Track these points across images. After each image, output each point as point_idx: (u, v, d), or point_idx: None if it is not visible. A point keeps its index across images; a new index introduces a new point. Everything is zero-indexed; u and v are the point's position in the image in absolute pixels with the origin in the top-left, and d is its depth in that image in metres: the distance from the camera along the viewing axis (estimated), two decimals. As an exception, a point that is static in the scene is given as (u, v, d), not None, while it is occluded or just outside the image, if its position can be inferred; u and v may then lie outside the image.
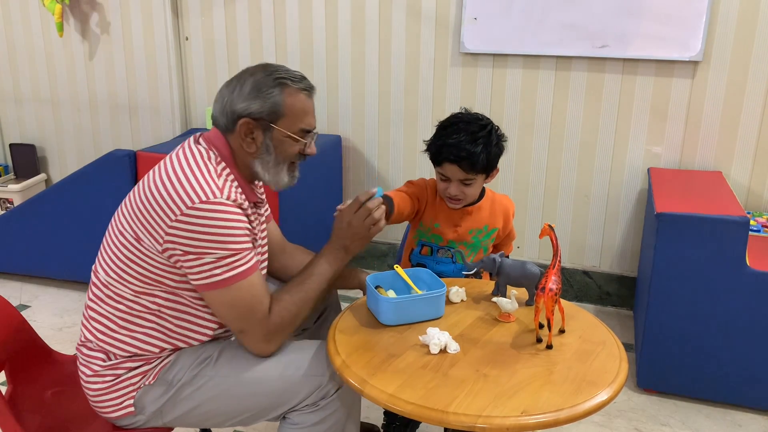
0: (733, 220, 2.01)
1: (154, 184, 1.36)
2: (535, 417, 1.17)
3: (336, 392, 1.41)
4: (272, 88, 1.40)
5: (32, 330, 1.57)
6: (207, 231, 1.31)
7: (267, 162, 1.44)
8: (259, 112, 1.40)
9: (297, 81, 1.43)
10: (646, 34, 2.57)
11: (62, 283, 3.08)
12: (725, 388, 2.18)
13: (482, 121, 1.72)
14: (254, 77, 1.41)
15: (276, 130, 1.42)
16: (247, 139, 1.42)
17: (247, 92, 1.40)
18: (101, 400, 1.42)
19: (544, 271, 1.49)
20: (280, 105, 1.40)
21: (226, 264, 1.33)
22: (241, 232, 1.35)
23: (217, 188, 1.34)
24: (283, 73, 1.42)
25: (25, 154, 3.63)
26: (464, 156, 1.66)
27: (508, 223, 1.90)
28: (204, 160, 1.39)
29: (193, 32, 3.25)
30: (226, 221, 1.32)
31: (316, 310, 1.76)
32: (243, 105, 1.40)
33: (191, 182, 1.33)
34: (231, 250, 1.33)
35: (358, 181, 3.18)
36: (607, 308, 2.94)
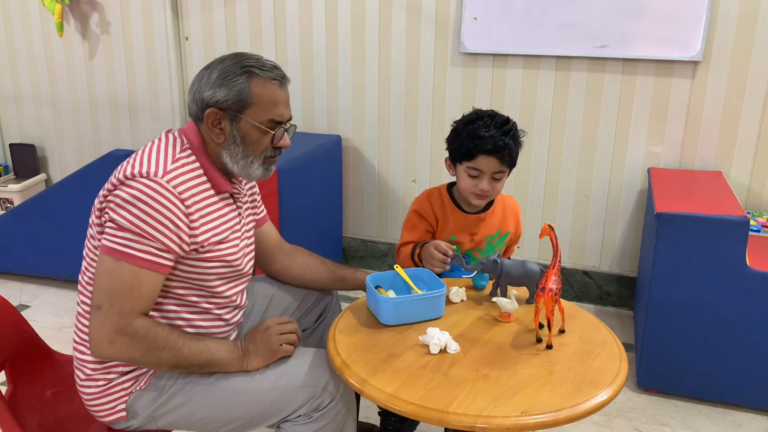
0: (733, 220, 2.01)
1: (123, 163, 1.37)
2: (535, 417, 1.17)
3: (330, 403, 1.38)
4: (238, 76, 1.35)
5: (32, 330, 1.57)
6: (131, 201, 1.27)
7: (235, 153, 1.39)
8: (225, 101, 1.36)
9: (266, 69, 1.38)
10: (646, 34, 2.57)
11: (62, 283, 3.08)
12: (725, 388, 2.18)
13: (503, 116, 1.73)
14: (222, 65, 1.38)
15: (243, 120, 1.37)
16: (215, 130, 1.38)
17: (214, 80, 1.36)
18: (95, 403, 1.42)
19: (544, 269, 1.49)
20: (246, 93, 1.36)
21: (128, 238, 1.28)
22: (164, 221, 1.29)
23: (163, 170, 1.31)
24: (252, 61, 1.37)
25: (25, 154, 3.63)
26: (501, 146, 1.66)
27: (519, 224, 1.91)
28: (166, 146, 1.37)
29: (193, 32, 3.25)
30: (155, 201, 1.28)
31: (317, 310, 1.75)
32: (209, 93, 1.36)
33: (141, 159, 1.33)
34: (138, 229, 1.28)
35: (358, 180, 3.18)
36: (607, 308, 2.94)
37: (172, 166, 1.33)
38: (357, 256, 3.29)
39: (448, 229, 1.81)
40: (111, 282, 1.29)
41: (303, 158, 2.78)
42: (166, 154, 1.35)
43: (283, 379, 1.38)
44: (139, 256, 1.29)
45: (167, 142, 1.39)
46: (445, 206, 1.82)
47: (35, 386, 1.53)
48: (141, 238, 1.28)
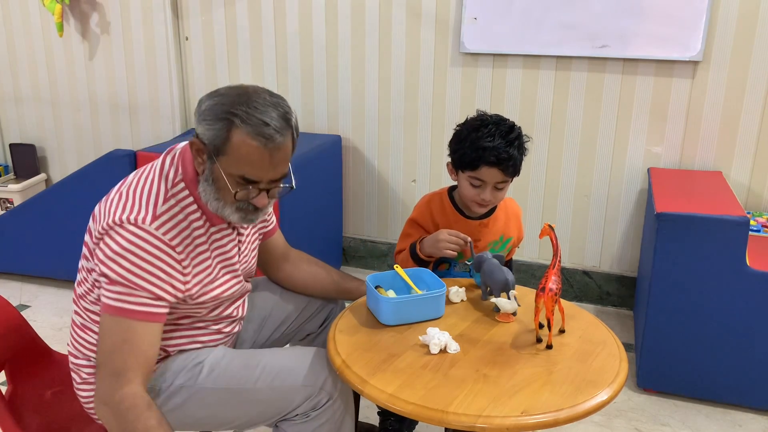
0: (733, 220, 2.01)
1: (108, 195, 1.33)
2: (535, 417, 1.17)
3: (327, 402, 1.38)
4: (219, 121, 1.24)
5: (32, 330, 1.57)
6: (119, 252, 1.24)
7: (208, 192, 1.31)
8: (203, 138, 1.27)
9: (252, 124, 1.23)
10: (646, 34, 2.57)
11: (62, 283, 3.08)
12: (725, 388, 2.18)
13: (508, 123, 1.69)
14: (217, 99, 1.27)
15: (216, 164, 1.27)
16: (198, 158, 1.31)
17: (202, 111, 1.28)
18: (92, 406, 1.42)
19: (512, 280, 1.49)
20: (222, 141, 1.25)
21: (117, 292, 1.25)
22: (154, 271, 1.26)
23: (153, 215, 1.27)
24: (242, 109, 1.24)
25: (25, 154, 3.63)
26: (505, 158, 1.63)
27: (521, 228, 1.89)
28: (159, 179, 1.32)
29: (193, 32, 3.25)
30: (143, 251, 1.25)
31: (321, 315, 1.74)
32: (196, 122, 1.30)
33: (132, 200, 1.28)
34: (128, 282, 1.24)
35: (358, 180, 3.18)
36: (607, 308, 2.94)
37: (162, 208, 1.29)
38: (357, 256, 3.29)
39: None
40: (107, 340, 1.26)
41: (303, 158, 2.78)
42: (158, 192, 1.30)
43: (281, 378, 1.38)
44: (132, 309, 1.25)
45: (161, 175, 1.34)
46: (447, 212, 1.79)
47: (35, 386, 1.53)
48: (132, 290, 1.25)
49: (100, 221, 1.29)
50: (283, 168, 1.31)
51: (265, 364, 1.40)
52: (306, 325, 1.72)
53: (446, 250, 1.66)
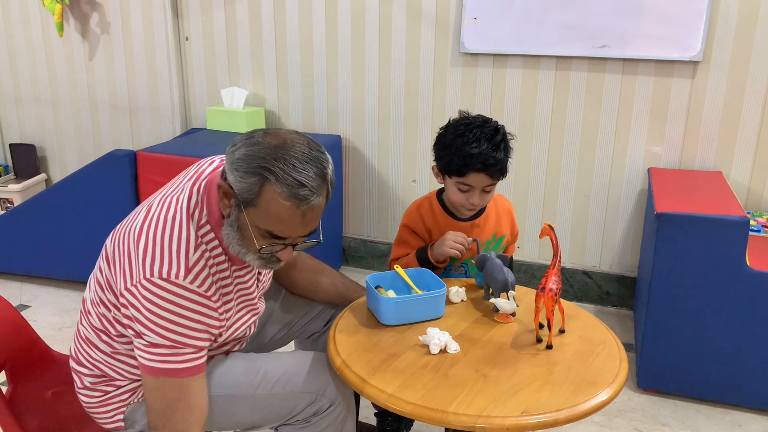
0: (733, 220, 2.01)
1: (133, 228, 1.26)
2: (535, 417, 1.17)
3: (329, 408, 1.38)
4: (252, 175, 1.18)
5: (32, 330, 1.57)
6: (153, 311, 1.20)
7: (231, 236, 1.26)
8: (232, 186, 1.21)
9: (287, 185, 1.17)
10: (646, 34, 2.57)
11: (62, 283, 3.08)
12: (725, 388, 2.18)
13: (491, 124, 1.68)
14: (253, 148, 1.20)
15: (244, 214, 1.22)
16: (224, 201, 1.25)
17: (235, 159, 1.21)
18: (93, 411, 1.43)
19: (512, 280, 1.49)
20: (254, 195, 1.19)
21: (160, 354, 1.22)
22: (193, 325, 1.22)
23: (186, 268, 1.21)
24: (278, 167, 1.17)
25: (25, 154, 3.63)
26: (492, 164, 1.62)
27: (514, 224, 1.88)
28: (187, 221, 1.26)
29: (193, 32, 3.25)
30: (181, 308, 1.21)
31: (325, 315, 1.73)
32: (227, 167, 1.23)
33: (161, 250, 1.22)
34: (170, 342, 1.21)
35: (358, 180, 3.18)
36: (607, 308, 2.94)
37: (194, 257, 1.23)
38: (357, 256, 3.29)
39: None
40: (159, 402, 1.25)
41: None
42: (188, 239, 1.24)
43: (282, 384, 1.37)
44: (179, 368, 1.22)
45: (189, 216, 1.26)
46: (437, 216, 1.78)
47: (35, 386, 1.53)
48: (176, 349, 1.22)
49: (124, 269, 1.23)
50: (313, 225, 1.26)
51: (266, 369, 1.39)
52: (310, 325, 1.71)
53: (452, 249, 1.66)
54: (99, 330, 1.37)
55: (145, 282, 1.20)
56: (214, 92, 3.28)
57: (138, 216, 1.30)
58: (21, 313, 1.56)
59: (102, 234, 1.48)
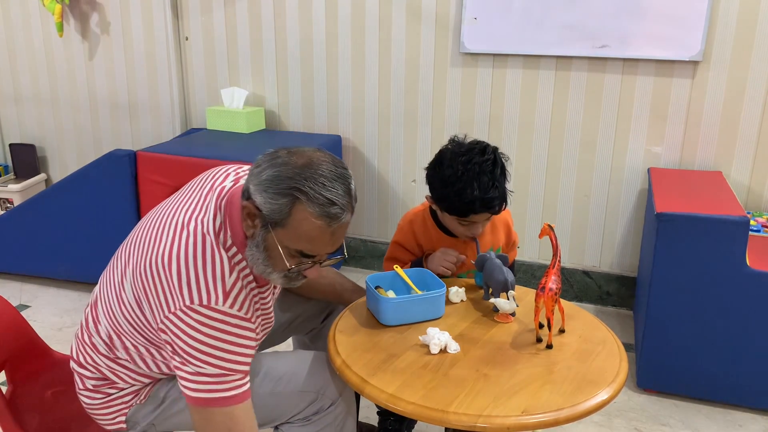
0: (733, 220, 2.01)
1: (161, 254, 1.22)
2: (536, 416, 1.17)
3: (329, 407, 1.38)
4: (283, 195, 1.18)
5: (32, 330, 1.57)
6: (196, 338, 1.18)
7: (256, 257, 1.25)
8: (260, 207, 1.20)
9: (318, 204, 1.17)
10: (646, 34, 2.57)
11: (62, 283, 3.08)
12: (725, 388, 2.18)
13: (487, 153, 1.61)
14: (280, 169, 1.19)
15: (272, 234, 1.21)
16: (248, 221, 1.24)
17: (262, 179, 1.19)
18: (95, 412, 1.43)
19: (512, 281, 1.49)
20: (284, 215, 1.19)
21: (206, 383, 1.19)
22: (238, 350, 1.21)
23: (223, 293, 1.20)
24: (309, 186, 1.17)
25: (25, 154, 3.63)
26: (497, 204, 1.60)
27: (510, 233, 1.86)
28: (218, 246, 1.23)
29: (193, 32, 3.25)
30: (225, 334, 1.19)
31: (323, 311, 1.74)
32: (253, 188, 1.21)
33: (196, 276, 1.19)
34: (217, 369, 1.19)
35: (358, 180, 3.18)
36: (607, 308, 2.94)
37: (230, 281, 1.21)
38: (357, 256, 3.29)
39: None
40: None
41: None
42: (222, 265, 1.22)
43: (283, 384, 1.38)
44: (228, 396, 1.20)
45: (218, 242, 1.24)
46: (430, 232, 1.76)
47: (35, 386, 1.53)
48: (221, 377, 1.20)
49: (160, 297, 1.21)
50: (341, 241, 1.26)
51: (267, 369, 1.39)
52: (309, 322, 1.72)
53: (440, 268, 1.65)
54: (107, 340, 1.35)
55: (186, 310, 1.18)
56: (214, 92, 3.28)
57: (162, 238, 1.25)
58: (21, 313, 1.56)
59: (102, 234, 1.48)
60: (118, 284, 1.31)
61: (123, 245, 1.36)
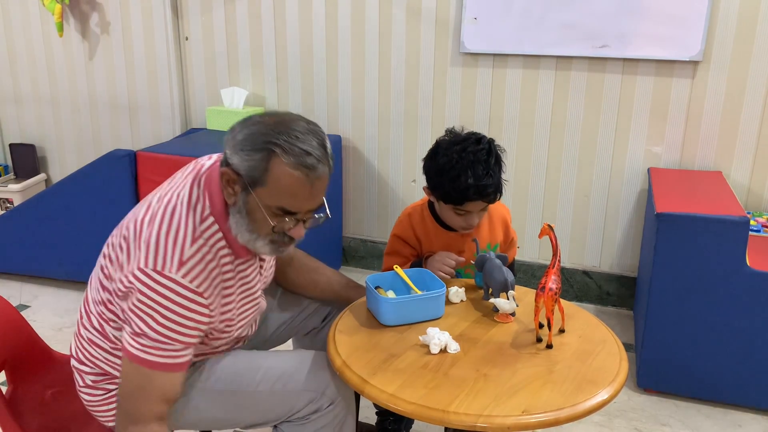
0: (733, 220, 2.01)
1: (134, 222, 1.27)
2: (536, 416, 1.17)
3: (329, 407, 1.38)
4: (258, 151, 1.20)
5: (32, 330, 1.57)
6: (144, 301, 1.20)
7: (240, 224, 1.27)
8: (238, 169, 1.22)
9: (295, 155, 1.20)
10: (646, 34, 2.57)
11: (62, 283, 3.08)
12: (725, 388, 2.18)
13: (482, 143, 1.64)
14: (253, 128, 1.23)
15: (252, 195, 1.23)
16: (228, 189, 1.26)
17: (237, 141, 1.23)
18: (95, 409, 1.43)
19: (511, 280, 1.49)
20: (261, 172, 1.21)
21: (143, 344, 1.22)
22: (182, 321, 1.22)
23: (179, 261, 1.21)
24: (283, 139, 1.20)
25: (25, 154, 3.63)
26: (491, 192, 1.62)
27: (508, 230, 1.86)
28: (188, 213, 1.26)
29: (193, 32, 3.25)
30: (170, 302, 1.21)
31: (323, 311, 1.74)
32: (229, 152, 1.24)
33: (156, 241, 1.22)
34: (156, 335, 1.21)
35: (358, 180, 3.18)
36: (607, 308, 2.94)
37: (190, 251, 1.23)
38: (357, 256, 3.29)
39: (433, 249, 1.77)
40: (126, 384, 1.27)
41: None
42: (185, 232, 1.24)
43: (282, 382, 1.38)
44: (155, 361, 1.23)
45: (189, 208, 1.26)
46: (428, 226, 1.77)
47: (35, 386, 1.53)
48: (158, 344, 1.22)
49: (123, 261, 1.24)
50: (321, 197, 1.27)
51: (267, 367, 1.40)
52: (307, 321, 1.72)
53: (439, 272, 1.65)
54: (98, 330, 1.37)
55: (138, 272, 1.21)
56: (214, 92, 3.28)
57: (139, 212, 1.30)
58: (21, 313, 1.56)
59: (102, 234, 1.48)
60: (99, 268, 1.35)
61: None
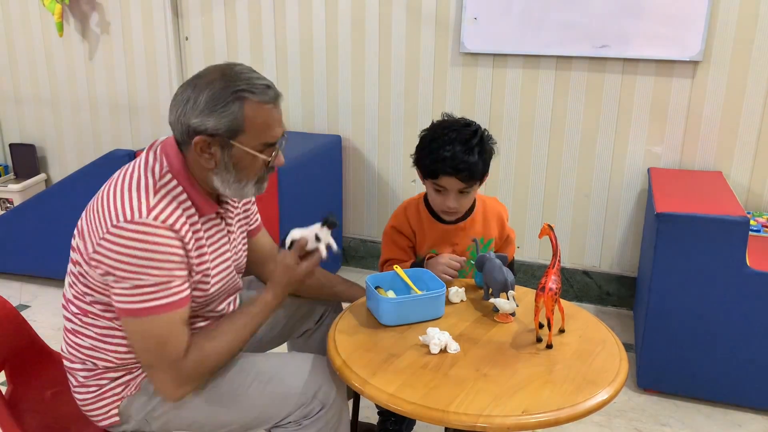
0: (733, 220, 2.01)
1: (98, 197, 1.31)
2: (536, 416, 1.17)
3: (320, 411, 1.37)
4: (230, 104, 1.25)
5: (32, 330, 1.57)
6: (128, 253, 1.21)
7: (227, 179, 1.32)
8: (215, 129, 1.26)
9: (260, 92, 1.28)
10: (646, 34, 2.57)
11: (62, 283, 3.06)
12: (725, 388, 2.18)
13: (471, 127, 1.67)
14: (211, 88, 1.26)
15: (235, 146, 1.28)
16: (204, 155, 1.29)
17: (202, 107, 1.26)
18: (89, 408, 1.42)
19: (511, 281, 1.49)
20: (239, 120, 1.26)
21: (141, 293, 1.23)
22: (167, 258, 1.24)
23: (147, 208, 1.24)
24: (243, 84, 1.27)
25: (25, 154, 3.63)
26: (463, 168, 1.62)
27: (504, 228, 1.86)
28: (145, 173, 1.31)
29: (193, 32, 3.25)
30: (150, 244, 1.22)
31: (317, 312, 1.75)
32: (197, 120, 1.26)
33: (123, 199, 1.25)
34: (149, 278, 1.23)
35: (358, 180, 3.18)
36: (607, 308, 2.94)
37: (154, 200, 1.26)
38: (357, 256, 3.29)
39: (427, 242, 1.78)
40: (148, 341, 1.27)
41: (303, 158, 2.78)
42: (147, 185, 1.28)
43: (274, 384, 1.38)
44: (162, 304, 1.25)
45: (146, 169, 1.32)
46: (422, 218, 1.78)
47: (35, 386, 1.53)
48: (154, 287, 1.24)
49: (94, 230, 1.26)
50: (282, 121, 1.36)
51: (259, 369, 1.40)
52: (302, 323, 1.72)
53: (443, 275, 1.65)
54: (79, 315, 1.38)
55: (113, 230, 1.22)
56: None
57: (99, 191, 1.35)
58: (21, 313, 1.56)
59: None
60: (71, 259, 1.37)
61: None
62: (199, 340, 1.32)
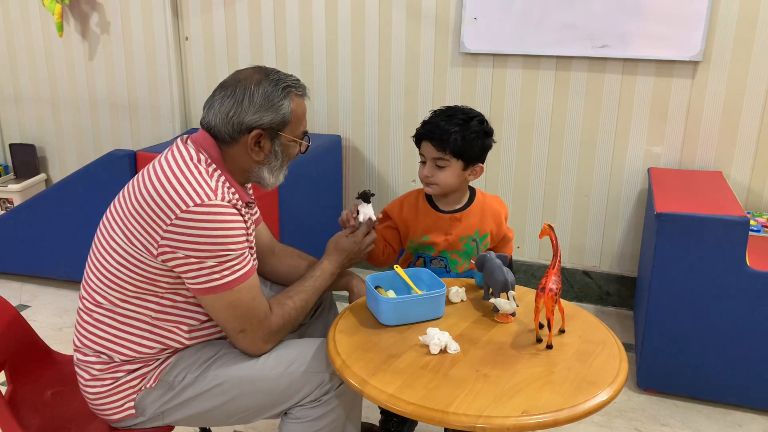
0: (733, 220, 2.01)
1: (145, 187, 1.35)
2: (536, 417, 1.17)
3: (338, 388, 1.42)
4: (283, 99, 1.42)
5: (32, 330, 1.57)
6: (205, 234, 1.31)
7: (274, 167, 1.47)
8: (271, 123, 1.42)
9: (299, 87, 1.47)
10: (646, 34, 2.57)
11: (62, 283, 3.08)
12: (725, 388, 2.18)
13: (470, 113, 1.73)
14: (262, 88, 1.41)
15: (283, 136, 1.45)
16: (255, 148, 1.42)
17: (258, 104, 1.40)
18: (101, 403, 1.42)
19: (512, 280, 1.49)
20: (288, 114, 1.43)
21: (226, 267, 1.34)
22: (239, 233, 1.35)
23: (211, 190, 1.34)
24: (289, 81, 1.44)
25: (25, 154, 3.63)
26: (437, 134, 1.69)
27: (501, 226, 1.86)
28: (194, 162, 1.39)
29: (193, 32, 3.25)
30: (224, 223, 1.32)
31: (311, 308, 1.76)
32: (254, 117, 1.40)
33: (183, 185, 1.33)
34: (231, 252, 1.34)
35: (358, 180, 3.18)
36: (607, 308, 2.94)
37: (213, 183, 1.37)
38: (357, 256, 3.29)
39: (420, 229, 1.80)
40: (236, 309, 1.37)
41: (303, 158, 2.75)
42: (199, 172, 1.37)
43: (293, 365, 1.42)
44: (241, 274, 1.36)
45: (191, 157, 1.40)
46: (419, 206, 1.81)
47: (35, 386, 1.53)
48: (235, 260, 1.35)
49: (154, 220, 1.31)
50: None
51: (278, 353, 1.45)
52: None
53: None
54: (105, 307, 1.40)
55: (183, 215, 1.30)
56: (214, 92, 3.28)
57: (141, 180, 1.38)
58: (21, 313, 1.56)
59: (102, 234, 1.48)
60: (105, 242, 1.41)
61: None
62: (280, 298, 1.47)
